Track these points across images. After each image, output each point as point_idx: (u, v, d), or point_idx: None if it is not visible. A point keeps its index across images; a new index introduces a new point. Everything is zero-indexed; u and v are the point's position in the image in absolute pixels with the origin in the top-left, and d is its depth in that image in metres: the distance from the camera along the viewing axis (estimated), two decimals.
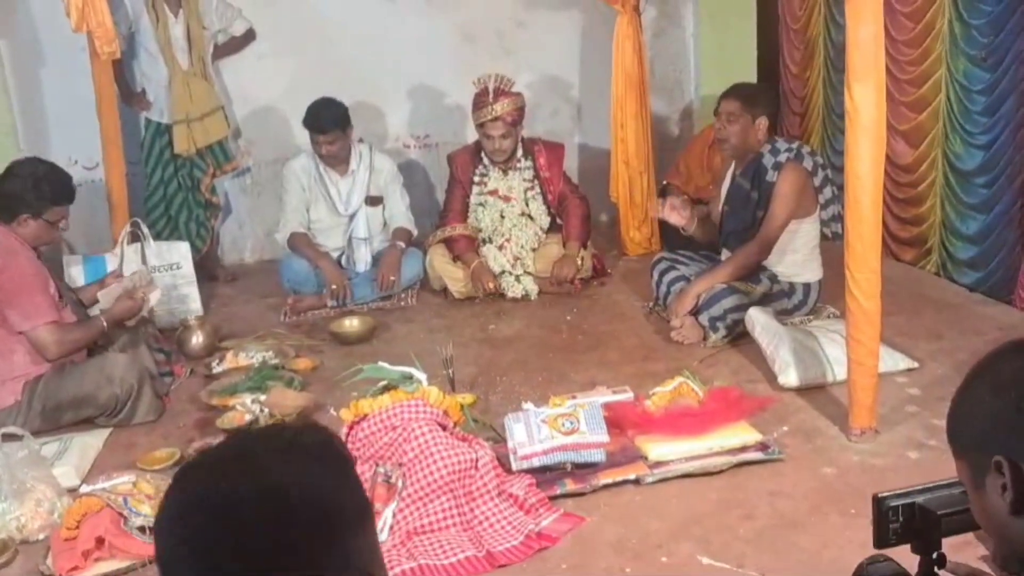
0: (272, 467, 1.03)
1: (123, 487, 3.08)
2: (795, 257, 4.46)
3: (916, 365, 4.02)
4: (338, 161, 5.42)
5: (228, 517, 1.00)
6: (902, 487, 1.46)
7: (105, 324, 4.07)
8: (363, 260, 5.50)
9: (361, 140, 5.71)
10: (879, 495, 1.46)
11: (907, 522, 1.48)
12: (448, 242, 5.41)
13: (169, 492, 1.07)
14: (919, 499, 1.48)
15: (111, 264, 5.03)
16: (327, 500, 1.04)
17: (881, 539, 1.49)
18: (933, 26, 4.79)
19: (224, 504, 1.01)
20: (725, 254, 4.67)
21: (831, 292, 4.47)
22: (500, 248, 5.36)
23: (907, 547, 1.52)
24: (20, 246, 3.93)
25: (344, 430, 3.28)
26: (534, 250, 5.40)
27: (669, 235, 5.67)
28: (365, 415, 3.28)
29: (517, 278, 5.31)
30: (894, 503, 1.47)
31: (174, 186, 5.73)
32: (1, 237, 3.91)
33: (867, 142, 3.19)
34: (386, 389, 3.45)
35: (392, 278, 5.35)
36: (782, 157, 4.38)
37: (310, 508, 1.02)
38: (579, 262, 5.30)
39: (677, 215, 4.69)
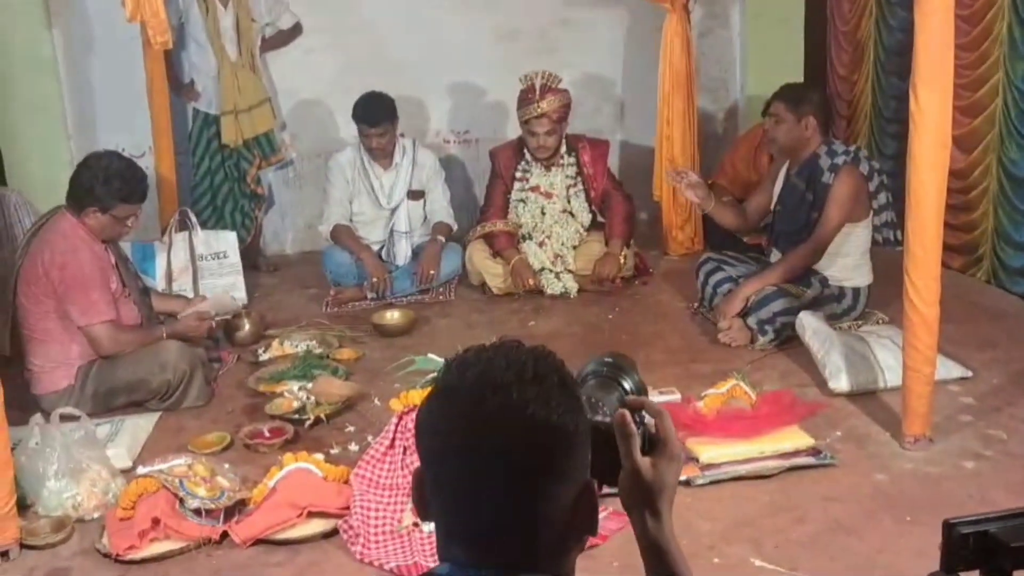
0: (527, 400, 1.20)
1: (179, 469, 3.10)
2: (846, 261, 4.43)
3: (970, 374, 3.98)
4: (384, 154, 5.44)
5: (485, 438, 1.20)
6: (974, 514, 1.41)
7: (164, 336, 4.07)
8: (403, 253, 5.51)
9: (403, 134, 5.72)
10: (950, 521, 1.42)
11: (978, 550, 1.43)
12: (488, 238, 5.41)
13: (437, 402, 1.25)
14: (992, 527, 1.43)
15: (159, 251, 5.07)
16: (565, 421, 1.22)
17: (950, 566, 1.46)
18: (991, 30, 4.73)
19: (484, 429, 1.21)
20: (775, 255, 4.64)
21: (880, 298, 4.44)
22: (540, 245, 5.36)
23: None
24: (85, 240, 3.93)
25: (394, 420, 3.28)
26: (575, 248, 5.38)
27: (713, 235, 5.67)
28: (415, 406, 3.28)
29: (557, 275, 5.30)
30: (965, 530, 1.43)
31: (220, 176, 5.76)
32: (68, 229, 3.92)
33: (931, 147, 3.17)
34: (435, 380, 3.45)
35: (431, 272, 5.36)
36: (839, 159, 4.35)
37: (550, 429, 1.21)
38: (622, 260, 5.29)
39: (692, 192, 4.71)
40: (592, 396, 1.41)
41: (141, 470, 3.21)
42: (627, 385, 1.47)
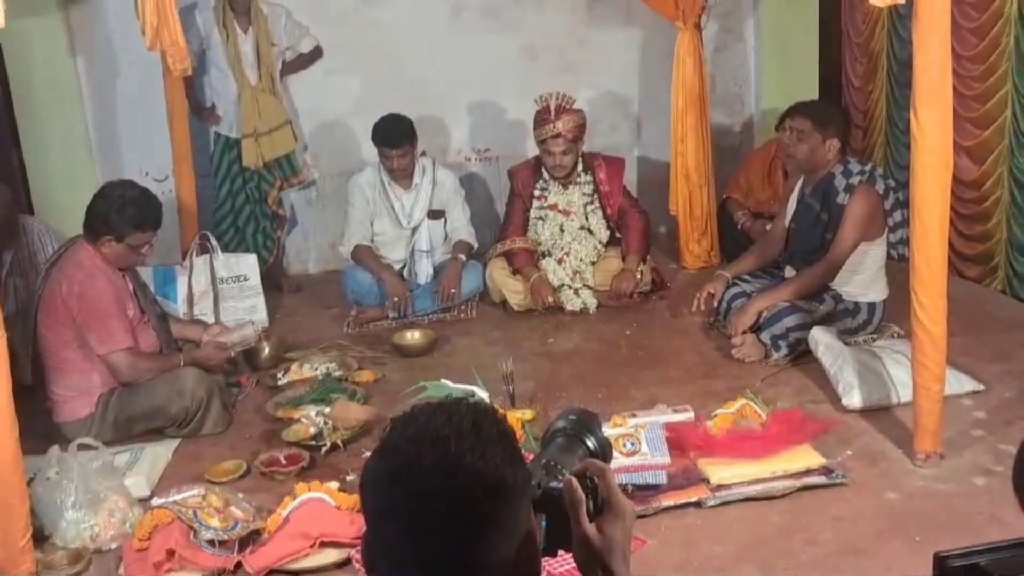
0: (464, 451, 1.24)
1: (193, 500, 3.15)
2: (861, 277, 4.42)
3: (982, 388, 3.96)
4: (405, 175, 5.49)
5: (424, 491, 1.24)
6: (965, 546, 1.43)
7: (182, 363, 4.13)
8: (425, 272, 5.56)
9: (424, 154, 5.78)
10: (941, 554, 1.43)
11: None
12: (508, 255, 5.45)
13: (378, 460, 1.29)
14: (982, 560, 1.44)
15: (180, 275, 5.15)
16: (503, 472, 1.26)
17: None
18: (998, 43, 4.72)
19: (422, 482, 1.24)
20: (789, 271, 4.64)
21: (896, 311, 4.42)
22: (559, 262, 5.39)
23: None
24: (101, 268, 4.00)
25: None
26: (593, 264, 5.42)
27: (729, 248, 5.69)
28: None
29: (576, 292, 5.33)
30: (956, 563, 1.44)
31: (242, 199, 5.84)
32: (85, 258, 3.99)
33: (933, 166, 3.16)
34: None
35: (453, 290, 5.40)
36: (854, 179, 4.34)
37: (488, 480, 1.24)
38: (638, 276, 5.32)
39: (713, 294, 4.74)
40: (552, 459, 1.45)
41: (156, 501, 3.26)
42: (590, 444, 1.50)
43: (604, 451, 1.56)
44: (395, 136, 5.38)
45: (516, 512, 1.28)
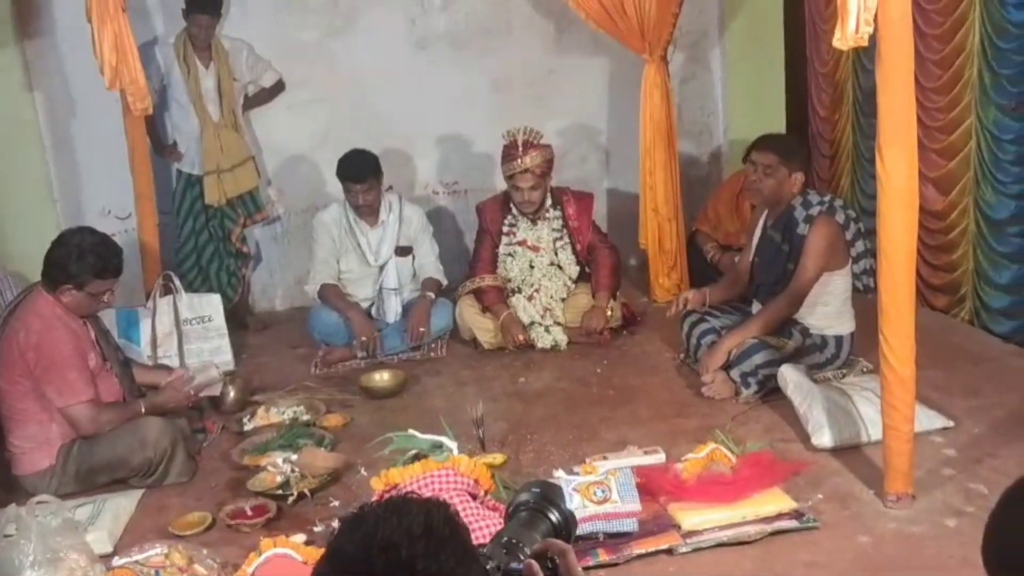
0: (415, 557, 1.20)
1: (155, 559, 3.08)
2: (826, 310, 4.42)
3: (952, 424, 3.94)
4: (371, 211, 5.44)
5: None
6: None
7: (143, 410, 4.05)
8: (393, 310, 5.50)
9: (390, 188, 5.74)
10: None
11: None
12: (477, 293, 5.42)
13: (326, 566, 1.25)
14: None
15: (144, 317, 5.06)
16: None
17: None
18: (962, 74, 4.76)
19: None
20: (756, 306, 4.65)
21: (863, 344, 4.42)
22: (529, 299, 5.36)
23: None
24: (61, 318, 3.90)
25: (374, 499, 3.26)
26: (563, 300, 5.39)
27: (698, 281, 5.68)
28: (395, 485, 3.28)
29: (547, 329, 5.30)
30: None
31: (205, 236, 5.78)
32: (44, 308, 3.89)
33: (900, 207, 3.16)
34: (416, 458, 3.44)
35: (422, 329, 5.35)
36: (814, 210, 4.35)
37: None
38: (608, 313, 5.29)
39: (693, 302, 4.77)
40: (514, 536, 1.42)
41: (116, 561, 3.18)
42: (553, 518, 1.48)
43: (568, 524, 1.54)
44: (359, 171, 5.33)
45: None
